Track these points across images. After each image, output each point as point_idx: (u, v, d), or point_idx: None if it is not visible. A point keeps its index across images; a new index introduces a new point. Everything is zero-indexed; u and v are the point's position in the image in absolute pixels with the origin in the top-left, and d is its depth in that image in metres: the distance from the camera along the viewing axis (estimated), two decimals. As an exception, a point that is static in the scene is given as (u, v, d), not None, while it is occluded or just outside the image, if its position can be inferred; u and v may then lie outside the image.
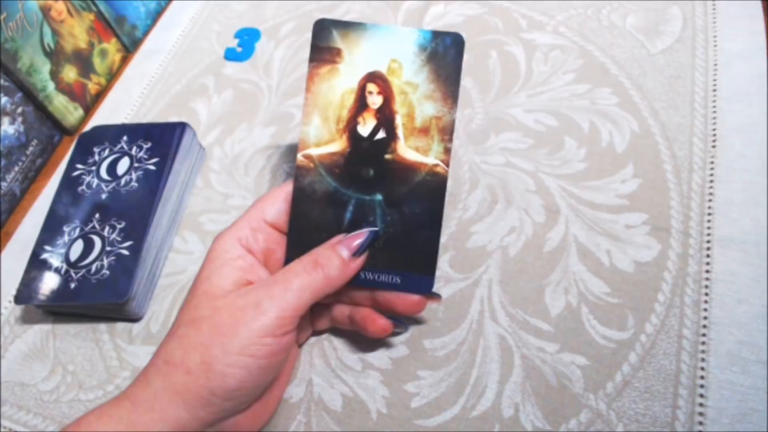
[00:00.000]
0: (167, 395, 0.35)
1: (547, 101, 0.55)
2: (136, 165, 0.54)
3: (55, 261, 0.50)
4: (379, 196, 0.40)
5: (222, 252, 0.39)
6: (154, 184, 0.53)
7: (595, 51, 0.58)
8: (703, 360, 0.41)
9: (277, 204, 0.41)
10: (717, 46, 0.55)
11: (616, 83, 0.55)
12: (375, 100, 0.40)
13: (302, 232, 0.41)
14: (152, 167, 0.54)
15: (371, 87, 0.40)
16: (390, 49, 0.39)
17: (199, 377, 0.35)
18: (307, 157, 0.40)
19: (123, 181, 0.54)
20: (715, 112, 0.51)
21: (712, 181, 0.48)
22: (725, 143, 0.49)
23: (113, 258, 0.49)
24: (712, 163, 0.49)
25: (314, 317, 0.45)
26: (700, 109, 0.52)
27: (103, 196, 0.53)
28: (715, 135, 0.50)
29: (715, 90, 0.52)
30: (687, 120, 0.51)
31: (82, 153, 0.57)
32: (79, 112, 0.68)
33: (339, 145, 0.40)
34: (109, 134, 0.58)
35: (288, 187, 0.41)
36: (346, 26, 0.40)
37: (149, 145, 0.55)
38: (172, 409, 0.35)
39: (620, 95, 0.54)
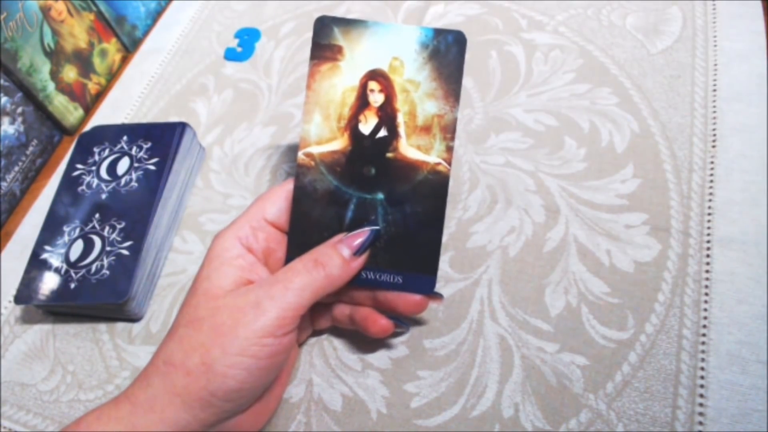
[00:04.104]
0: (167, 396, 0.35)
1: (547, 101, 0.55)
2: (136, 165, 0.54)
3: (55, 261, 0.50)
4: (380, 195, 0.40)
5: (222, 251, 0.39)
6: (154, 184, 0.53)
7: (595, 51, 0.58)
8: (703, 360, 0.41)
9: (278, 203, 0.41)
10: (717, 46, 0.55)
11: (616, 83, 0.55)
12: (376, 98, 0.40)
13: (303, 231, 0.41)
14: (152, 167, 0.54)
15: (373, 85, 0.40)
16: (391, 47, 0.39)
17: (199, 378, 0.34)
18: (308, 155, 0.40)
19: (123, 181, 0.54)
20: (715, 112, 0.51)
21: (712, 181, 0.48)
22: (725, 143, 0.49)
23: (113, 258, 0.49)
24: (712, 163, 0.49)
25: (315, 316, 0.45)
26: (700, 109, 0.52)
27: (103, 196, 0.53)
28: (715, 135, 0.50)
29: (715, 90, 0.52)
30: (687, 120, 0.51)
31: (82, 153, 0.57)
32: (79, 112, 0.68)
33: (340, 143, 0.40)
34: (109, 134, 0.58)
35: (289, 186, 0.41)
36: (348, 24, 0.40)
37: (149, 145, 0.55)
38: (171, 411, 0.34)
39: (620, 95, 0.54)
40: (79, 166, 0.56)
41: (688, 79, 0.54)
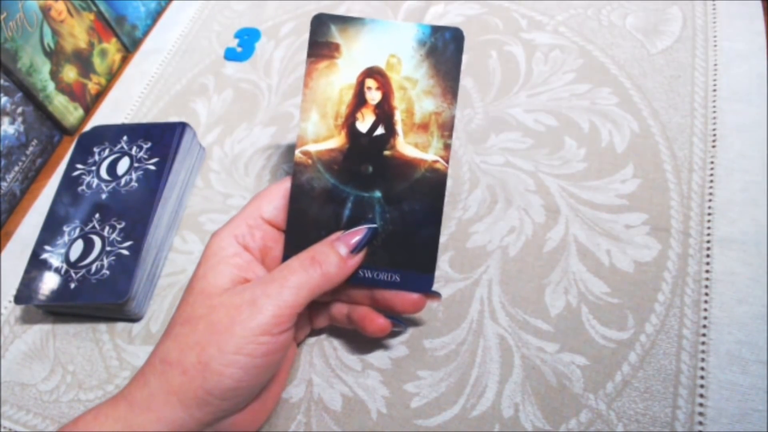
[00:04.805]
0: (164, 395, 0.35)
1: (547, 101, 0.55)
2: (136, 165, 0.54)
3: (55, 261, 0.50)
4: (378, 193, 0.40)
5: (218, 249, 0.39)
6: (154, 184, 0.53)
7: (595, 51, 0.58)
8: (703, 360, 0.41)
9: (275, 201, 0.41)
10: (717, 46, 0.55)
11: (616, 83, 0.55)
12: (374, 96, 0.39)
13: (300, 230, 0.41)
14: (152, 167, 0.54)
15: (370, 82, 0.39)
16: (389, 44, 0.39)
17: (195, 377, 0.34)
18: (306, 153, 0.40)
19: (123, 181, 0.54)
20: (715, 112, 0.51)
21: (712, 181, 0.48)
22: (725, 143, 0.49)
23: (113, 258, 0.49)
24: (712, 163, 0.49)
25: (313, 315, 0.45)
26: (700, 109, 0.52)
27: (103, 196, 0.53)
28: (715, 135, 0.50)
29: (715, 90, 0.52)
30: (687, 120, 0.51)
31: (82, 153, 0.57)
32: (79, 112, 0.68)
33: (337, 141, 0.40)
34: (109, 134, 0.58)
35: (286, 184, 0.41)
36: (345, 21, 0.40)
37: (149, 145, 0.55)
38: (168, 410, 0.34)
39: (620, 95, 0.54)
40: (79, 166, 0.56)
41: (688, 79, 0.54)
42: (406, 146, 0.39)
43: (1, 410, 0.48)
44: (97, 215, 0.52)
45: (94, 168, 0.55)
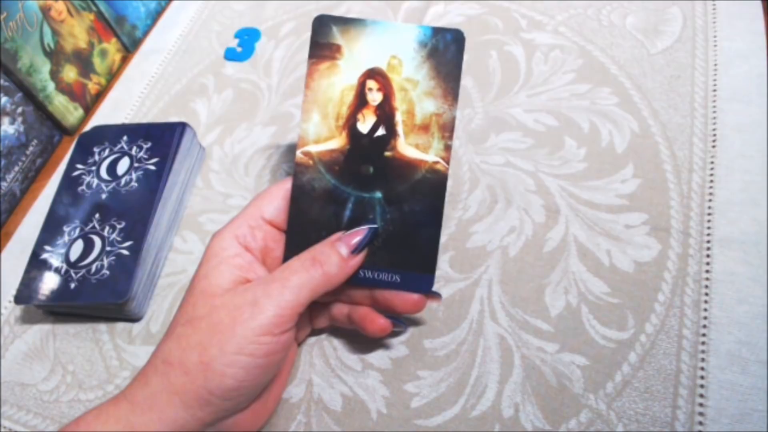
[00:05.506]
0: (165, 395, 0.35)
1: (547, 101, 0.55)
2: (136, 165, 0.54)
3: (55, 261, 0.50)
4: (378, 194, 0.40)
5: (220, 250, 0.39)
6: (154, 184, 0.53)
7: (595, 51, 0.58)
8: (703, 360, 0.41)
9: (276, 201, 0.41)
10: (717, 46, 0.55)
11: (616, 83, 0.55)
12: (375, 97, 0.40)
13: (301, 230, 0.41)
14: (152, 167, 0.54)
15: (371, 84, 0.40)
16: (390, 46, 0.39)
17: (197, 377, 0.34)
18: (307, 154, 0.40)
19: (123, 181, 0.54)
20: (715, 112, 0.51)
21: (712, 181, 0.48)
22: (725, 143, 0.49)
23: (113, 258, 0.49)
24: (712, 163, 0.49)
25: (313, 315, 0.45)
26: (700, 109, 0.52)
27: (103, 196, 0.53)
28: (715, 135, 0.50)
29: (715, 90, 0.52)
30: (687, 120, 0.51)
31: (82, 153, 0.57)
32: (79, 112, 0.68)
33: (338, 142, 0.40)
34: (109, 134, 0.58)
35: (287, 185, 0.41)
36: (346, 22, 0.40)
37: (149, 145, 0.55)
38: (170, 410, 0.34)
39: (620, 95, 0.54)
40: (79, 166, 0.56)
41: (688, 79, 0.54)
42: (406, 147, 0.39)
43: (1, 410, 0.48)
44: (97, 215, 0.52)
45: (94, 168, 0.55)
